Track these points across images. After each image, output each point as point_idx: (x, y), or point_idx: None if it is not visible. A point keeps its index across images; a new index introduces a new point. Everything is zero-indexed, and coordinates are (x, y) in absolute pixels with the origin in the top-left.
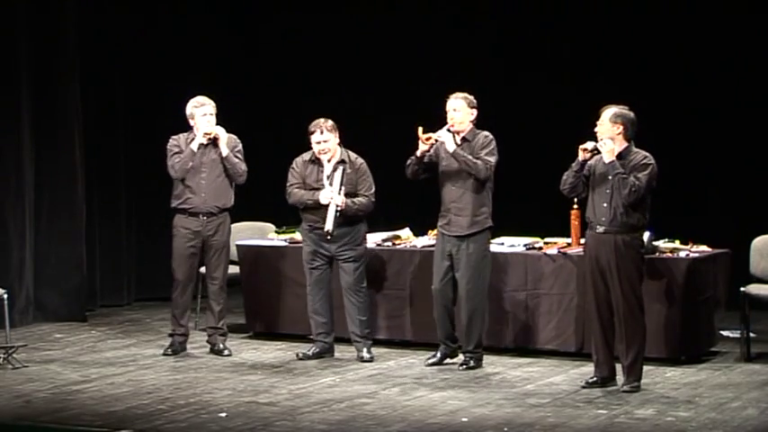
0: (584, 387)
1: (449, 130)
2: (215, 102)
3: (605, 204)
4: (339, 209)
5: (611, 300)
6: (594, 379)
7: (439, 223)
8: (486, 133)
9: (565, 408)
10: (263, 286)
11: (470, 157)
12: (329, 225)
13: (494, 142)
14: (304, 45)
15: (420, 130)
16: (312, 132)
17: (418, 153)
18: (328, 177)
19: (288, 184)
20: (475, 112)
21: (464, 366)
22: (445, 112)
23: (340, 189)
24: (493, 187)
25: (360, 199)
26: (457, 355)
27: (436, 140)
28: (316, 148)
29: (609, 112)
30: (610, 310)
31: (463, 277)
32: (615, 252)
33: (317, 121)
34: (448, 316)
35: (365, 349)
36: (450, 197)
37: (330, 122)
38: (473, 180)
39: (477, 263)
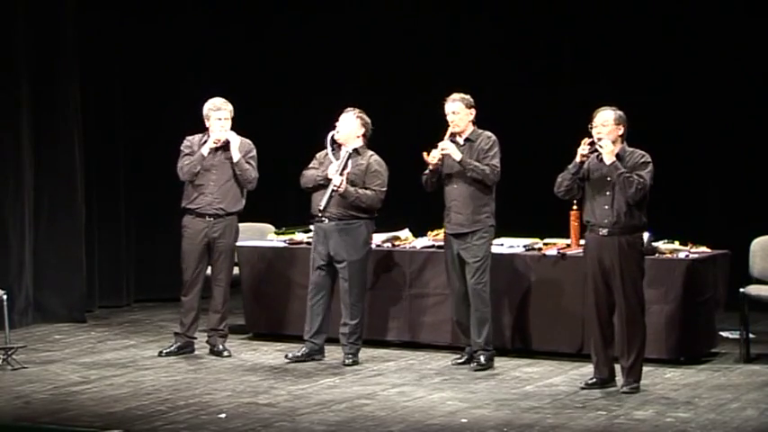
0: (583, 388)
1: (451, 139)
2: None
3: (607, 206)
4: (335, 188)
5: (611, 302)
6: (594, 380)
7: (444, 222)
8: (489, 134)
9: (564, 409)
10: (262, 287)
11: (478, 164)
12: (322, 202)
13: (497, 144)
14: (304, 47)
15: (425, 155)
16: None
17: (431, 167)
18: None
19: (304, 170)
20: (473, 111)
21: (475, 366)
22: (444, 115)
23: (342, 171)
24: (496, 188)
25: (366, 191)
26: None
27: (442, 157)
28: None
29: (610, 114)
30: (610, 311)
31: (471, 277)
32: (619, 253)
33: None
34: (469, 318)
35: (350, 354)
36: (451, 195)
37: (358, 111)
38: (475, 179)
39: (482, 262)
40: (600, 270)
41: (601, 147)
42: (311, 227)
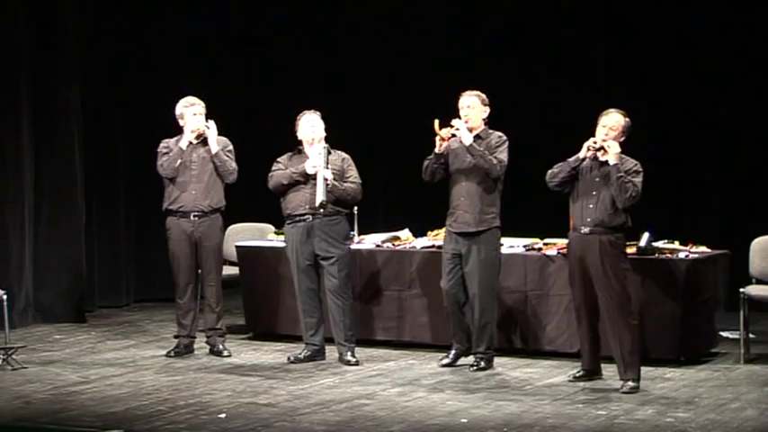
0: (571, 381)
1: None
2: (214, 102)
3: (591, 206)
4: (327, 182)
5: (596, 299)
6: (581, 372)
7: (447, 221)
8: (500, 134)
9: (564, 408)
10: (262, 287)
11: (485, 151)
12: (321, 196)
13: (507, 143)
14: (303, 45)
15: (437, 123)
16: (299, 119)
17: (437, 149)
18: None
19: (270, 173)
20: (488, 109)
21: (474, 368)
22: (458, 109)
23: (326, 165)
24: (502, 189)
25: (348, 184)
26: (469, 355)
27: (453, 135)
28: (307, 131)
29: (621, 119)
30: (596, 307)
31: (474, 278)
32: (600, 252)
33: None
34: (462, 314)
35: (349, 353)
36: (458, 194)
37: (317, 112)
38: (483, 178)
39: (488, 264)
40: (583, 269)
41: (609, 146)
42: (289, 227)
